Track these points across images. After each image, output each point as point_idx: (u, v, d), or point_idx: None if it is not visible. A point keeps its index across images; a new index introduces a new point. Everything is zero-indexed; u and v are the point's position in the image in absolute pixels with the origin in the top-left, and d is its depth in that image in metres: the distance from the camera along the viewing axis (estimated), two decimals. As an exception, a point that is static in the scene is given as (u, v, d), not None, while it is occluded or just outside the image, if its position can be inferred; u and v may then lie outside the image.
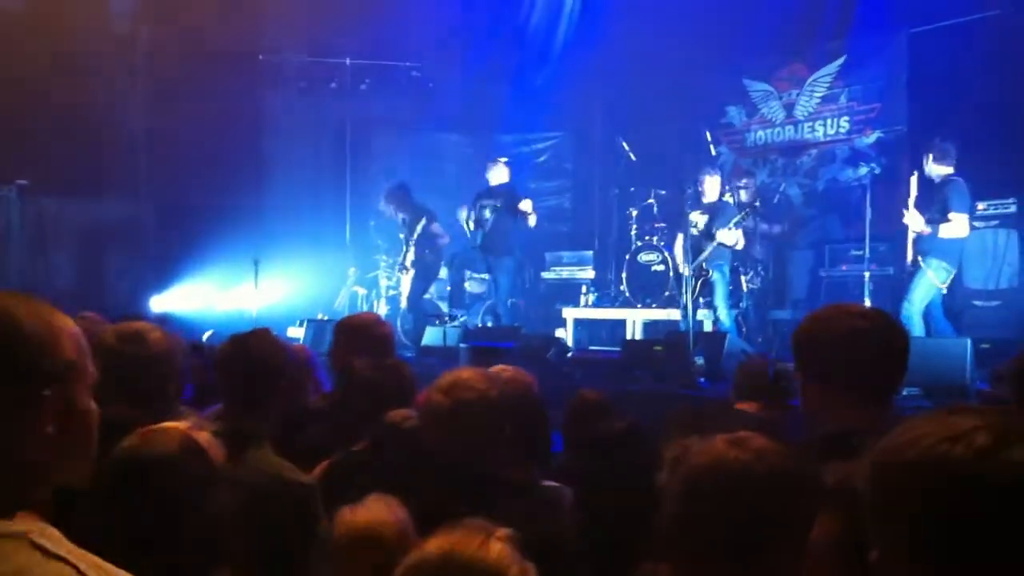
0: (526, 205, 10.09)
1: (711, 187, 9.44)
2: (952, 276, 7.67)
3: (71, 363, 1.41)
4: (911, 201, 7.69)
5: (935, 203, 7.59)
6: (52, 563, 1.29)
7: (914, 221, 7.62)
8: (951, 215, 7.46)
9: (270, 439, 3.06)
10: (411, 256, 10.76)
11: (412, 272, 10.78)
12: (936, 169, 7.67)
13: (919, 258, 7.57)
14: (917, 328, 7.44)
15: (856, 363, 2.38)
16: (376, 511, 2.30)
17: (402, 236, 10.98)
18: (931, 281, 7.52)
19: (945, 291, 7.65)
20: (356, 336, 4.10)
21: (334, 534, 2.30)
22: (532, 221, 10.19)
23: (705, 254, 9.04)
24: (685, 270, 8.88)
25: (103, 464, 1.85)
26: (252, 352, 3.09)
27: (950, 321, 7.84)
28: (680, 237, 9.47)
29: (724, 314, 9.01)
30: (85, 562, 1.32)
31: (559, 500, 3.18)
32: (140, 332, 2.93)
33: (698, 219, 9.27)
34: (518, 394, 3.11)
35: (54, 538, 1.33)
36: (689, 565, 1.77)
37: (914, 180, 7.73)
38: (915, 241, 7.68)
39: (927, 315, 7.58)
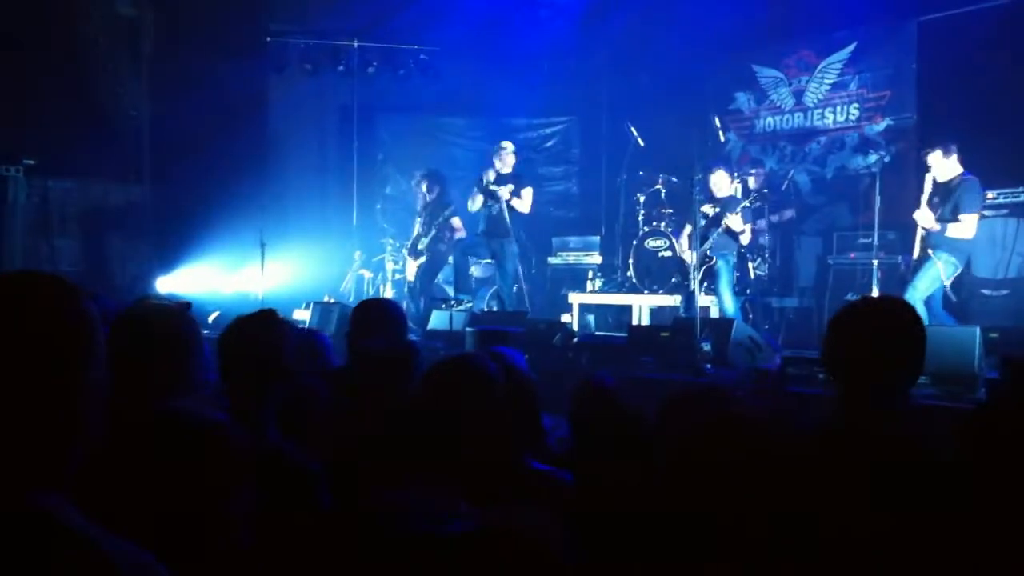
0: (504, 192, 9.94)
1: (718, 182, 9.37)
2: (958, 273, 7.62)
3: (98, 346, 1.43)
4: (924, 198, 7.62)
5: (947, 201, 7.49)
6: (74, 543, 1.29)
7: (925, 218, 7.55)
8: (961, 216, 7.39)
9: (274, 421, 3.05)
10: (426, 242, 10.74)
11: (424, 258, 10.76)
12: (951, 168, 7.55)
13: (929, 251, 7.51)
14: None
15: (873, 356, 2.38)
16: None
17: (419, 220, 10.93)
18: (938, 273, 7.46)
19: (949, 287, 7.59)
20: (374, 318, 4.28)
21: None
22: (521, 208, 10.05)
23: (710, 242, 9.00)
24: (689, 258, 8.82)
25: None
26: (256, 334, 3.06)
27: (952, 313, 7.80)
28: (687, 227, 9.43)
29: (729, 302, 8.99)
30: (108, 542, 1.32)
31: (558, 486, 3.16)
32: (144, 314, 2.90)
33: (709, 211, 9.23)
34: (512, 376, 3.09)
35: (76, 518, 1.33)
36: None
37: (929, 177, 7.66)
38: (924, 236, 7.63)
39: (926, 306, 7.54)
